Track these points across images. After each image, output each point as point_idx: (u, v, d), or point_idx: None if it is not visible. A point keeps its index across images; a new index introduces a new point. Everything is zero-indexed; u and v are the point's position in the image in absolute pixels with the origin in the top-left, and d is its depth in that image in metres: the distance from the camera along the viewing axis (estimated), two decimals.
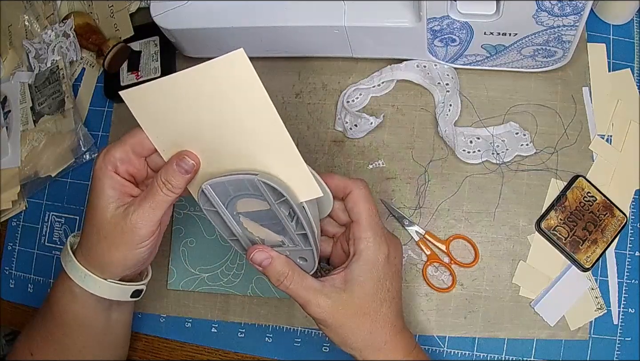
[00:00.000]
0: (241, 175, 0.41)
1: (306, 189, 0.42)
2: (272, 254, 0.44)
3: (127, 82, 0.67)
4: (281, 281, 0.44)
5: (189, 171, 0.42)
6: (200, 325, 0.60)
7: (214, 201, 0.43)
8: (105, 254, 0.45)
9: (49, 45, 0.69)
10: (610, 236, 0.55)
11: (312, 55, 0.62)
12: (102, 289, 0.46)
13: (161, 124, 0.43)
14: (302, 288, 0.43)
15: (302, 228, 0.43)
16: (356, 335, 0.44)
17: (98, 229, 0.44)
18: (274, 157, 0.42)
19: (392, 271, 0.46)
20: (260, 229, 0.45)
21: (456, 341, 0.56)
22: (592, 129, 0.57)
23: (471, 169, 0.58)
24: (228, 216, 0.44)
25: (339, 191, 0.46)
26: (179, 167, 0.42)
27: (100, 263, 0.45)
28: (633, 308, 0.54)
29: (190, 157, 0.43)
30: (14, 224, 0.69)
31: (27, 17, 0.72)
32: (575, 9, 0.46)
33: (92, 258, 0.46)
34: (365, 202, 0.45)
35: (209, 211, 0.44)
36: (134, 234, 0.43)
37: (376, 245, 0.44)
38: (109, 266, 0.46)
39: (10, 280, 0.67)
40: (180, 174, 0.42)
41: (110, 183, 0.44)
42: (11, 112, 0.70)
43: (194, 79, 0.40)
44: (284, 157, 0.41)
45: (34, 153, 0.67)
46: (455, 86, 0.58)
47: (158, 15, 0.58)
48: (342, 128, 0.61)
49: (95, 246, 0.45)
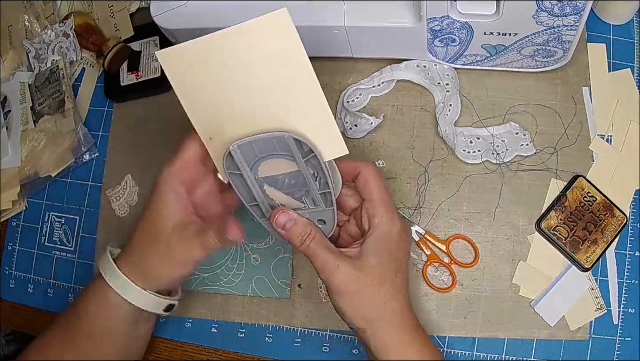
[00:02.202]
0: (272, 134, 0.42)
1: (335, 146, 0.43)
2: (295, 216, 0.45)
3: (127, 82, 0.67)
4: (303, 240, 0.44)
5: (235, 240, 0.44)
6: (200, 325, 0.60)
7: (240, 163, 0.44)
8: (156, 267, 0.47)
9: (49, 45, 0.69)
10: (610, 236, 0.55)
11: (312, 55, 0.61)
12: (140, 299, 0.48)
13: (194, 85, 0.43)
14: (323, 248, 0.44)
15: (325, 186, 0.44)
16: (372, 304, 0.44)
17: (152, 241, 0.46)
18: (306, 116, 0.43)
19: (405, 244, 0.47)
20: (280, 195, 0.45)
21: (456, 341, 0.56)
22: (592, 129, 0.57)
23: (471, 169, 0.58)
24: (252, 179, 0.44)
25: (348, 174, 0.47)
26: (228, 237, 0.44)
27: (147, 274, 0.47)
28: (633, 308, 0.54)
29: (237, 227, 0.44)
30: (14, 224, 0.69)
31: (27, 17, 0.72)
32: (575, 9, 0.46)
33: (139, 268, 0.47)
34: (376, 180, 0.46)
35: (232, 175, 0.45)
36: (188, 255, 0.46)
37: (390, 219, 0.46)
38: (155, 279, 0.47)
39: (10, 280, 0.67)
40: (226, 243, 0.44)
41: (176, 196, 0.46)
42: (11, 112, 0.70)
43: (233, 38, 0.40)
44: (317, 116, 0.42)
45: (34, 153, 0.67)
46: (455, 86, 0.58)
47: (158, 15, 0.58)
48: (342, 128, 0.61)
49: (148, 257, 0.47)
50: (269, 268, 0.59)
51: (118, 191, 0.65)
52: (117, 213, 0.65)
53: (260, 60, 0.41)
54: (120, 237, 0.64)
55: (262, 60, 0.41)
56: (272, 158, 0.44)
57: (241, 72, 0.42)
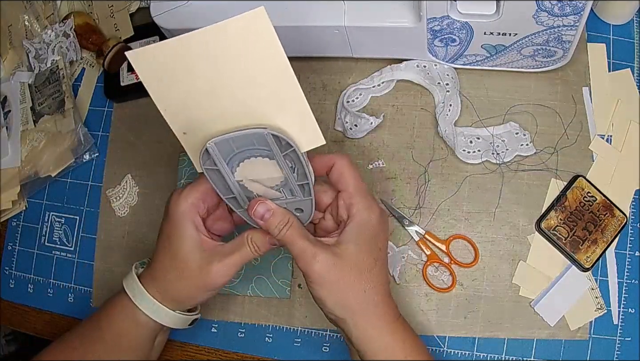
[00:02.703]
0: (250, 130, 0.43)
1: (313, 137, 0.44)
2: (273, 206, 0.45)
3: (127, 82, 0.67)
4: (280, 229, 0.44)
5: (275, 244, 0.46)
6: (200, 325, 0.60)
7: (217, 159, 0.44)
8: (182, 292, 0.48)
9: (49, 45, 0.69)
10: (610, 236, 0.55)
11: (312, 55, 0.62)
12: (170, 320, 0.49)
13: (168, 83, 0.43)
14: (301, 237, 0.44)
15: (304, 177, 0.44)
16: (351, 293, 0.44)
17: (180, 269, 0.47)
18: (283, 109, 0.43)
19: (383, 232, 0.47)
20: (258, 187, 0.46)
21: (456, 341, 0.56)
22: (592, 129, 0.57)
23: (471, 169, 0.58)
24: (229, 173, 0.45)
25: (322, 167, 0.47)
26: (271, 241, 0.46)
27: (174, 298, 0.48)
28: (633, 308, 0.54)
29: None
30: (14, 224, 0.69)
31: (27, 17, 0.72)
32: (575, 9, 0.46)
33: (166, 292, 0.48)
34: (351, 170, 0.46)
35: (208, 170, 0.45)
36: (214, 282, 0.47)
37: (368, 208, 0.46)
38: (181, 302, 0.49)
39: (10, 280, 0.67)
40: (270, 245, 0.47)
41: (192, 219, 0.47)
42: (11, 112, 0.70)
43: (209, 38, 0.41)
44: (294, 108, 0.43)
45: (34, 153, 0.67)
46: (455, 86, 0.58)
47: (158, 15, 0.58)
48: (342, 128, 0.61)
49: (173, 283, 0.48)
50: (269, 268, 0.59)
51: (118, 191, 0.65)
52: (117, 213, 0.65)
53: (237, 57, 0.41)
54: (120, 237, 0.64)
55: (238, 57, 0.41)
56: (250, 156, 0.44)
57: (217, 69, 0.42)
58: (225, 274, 0.47)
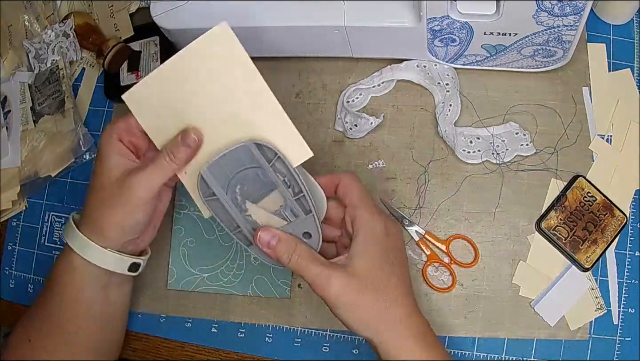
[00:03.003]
0: (234, 146, 0.43)
1: (298, 150, 0.44)
2: (277, 232, 0.45)
3: (127, 82, 0.67)
4: (290, 257, 0.44)
5: (191, 145, 0.45)
6: (200, 325, 0.60)
7: (213, 186, 0.44)
8: (105, 216, 0.47)
9: (49, 45, 0.69)
10: (610, 236, 0.55)
11: (312, 55, 0.62)
12: (101, 258, 0.48)
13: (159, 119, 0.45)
14: (312, 262, 0.44)
15: (299, 191, 0.44)
16: (372, 311, 0.43)
17: (100, 193, 0.47)
18: (264, 124, 0.43)
19: (394, 244, 0.46)
20: (262, 214, 0.45)
21: (456, 341, 0.56)
22: (592, 129, 0.57)
23: (471, 169, 0.58)
24: (228, 201, 0.45)
25: (330, 186, 0.47)
26: (183, 141, 0.45)
27: (99, 226, 0.47)
28: (633, 308, 0.54)
29: (194, 133, 0.45)
30: (14, 224, 0.69)
31: (27, 17, 0.72)
32: (575, 9, 0.46)
33: (92, 223, 0.47)
34: (355, 184, 0.46)
35: (210, 201, 0.45)
36: (131, 194, 0.46)
37: (371, 219, 0.45)
38: (107, 230, 0.47)
39: (10, 280, 0.67)
40: (183, 147, 0.45)
41: (117, 149, 0.47)
42: (11, 112, 0.70)
43: (182, 62, 0.42)
44: (275, 122, 0.43)
45: (34, 153, 0.67)
46: (455, 86, 0.58)
47: (158, 15, 0.58)
48: (342, 128, 0.61)
49: (96, 210, 0.47)
50: (269, 268, 0.59)
51: None
52: None
53: (211, 78, 0.42)
54: None
55: (212, 77, 0.42)
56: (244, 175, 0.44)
57: (196, 94, 0.43)
58: (145, 186, 0.45)
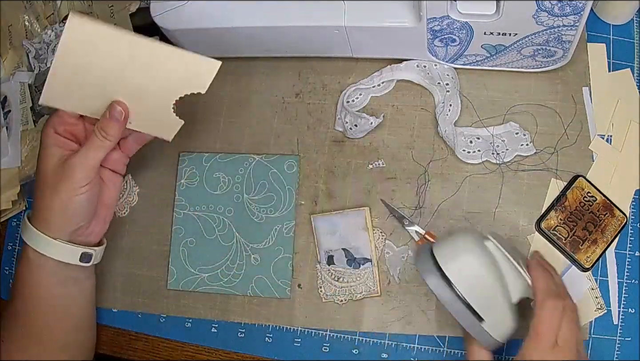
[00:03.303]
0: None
1: (206, 68, 0.48)
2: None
3: None
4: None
5: (119, 118, 0.48)
6: (200, 325, 0.60)
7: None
8: (48, 204, 0.48)
9: (49, 45, 0.69)
10: (610, 236, 0.55)
11: (312, 55, 0.62)
12: (51, 249, 0.49)
13: (85, 97, 0.49)
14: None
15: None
16: None
17: (43, 183, 0.48)
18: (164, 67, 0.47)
19: (563, 355, 0.42)
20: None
21: (456, 341, 0.55)
22: (592, 129, 0.57)
23: (471, 169, 0.58)
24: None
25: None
26: (111, 115, 0.48)
27: (46, 217, 0.48)
28: (633, 308, 0.54)
29: (119, 105, 0.48)
30: (14, 224, 0.68)
31: (27, 17, 0.72)
32: (575, 9, 0.46)
33: (39, 215, 0.49)
34: (536, 271, 0.45)
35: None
36: (70, 177, 0.47)
37: (544, 324, 0.42)
38: (51, 217, 0.48)
39: (11, 280, 0.67)
40: (112, 122, 0.48)
41: (53, 141, 0.49)
42: (11, 112, 0.70)
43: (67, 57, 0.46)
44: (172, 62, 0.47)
45: (34, 153, 0.67)
46: (455, 86, 0.58)
47: (158, 15, 0.57)
48: (342, 128, 0.61)
49: (40, 200, 0.48)
50: (269, 268, 0.59)
51: None
52: (117, 213, 0.65)
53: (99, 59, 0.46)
54: (120, 237, 0.64)
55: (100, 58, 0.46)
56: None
57: (99, 77, 0.47)
58: (81, 166, 0.47)
